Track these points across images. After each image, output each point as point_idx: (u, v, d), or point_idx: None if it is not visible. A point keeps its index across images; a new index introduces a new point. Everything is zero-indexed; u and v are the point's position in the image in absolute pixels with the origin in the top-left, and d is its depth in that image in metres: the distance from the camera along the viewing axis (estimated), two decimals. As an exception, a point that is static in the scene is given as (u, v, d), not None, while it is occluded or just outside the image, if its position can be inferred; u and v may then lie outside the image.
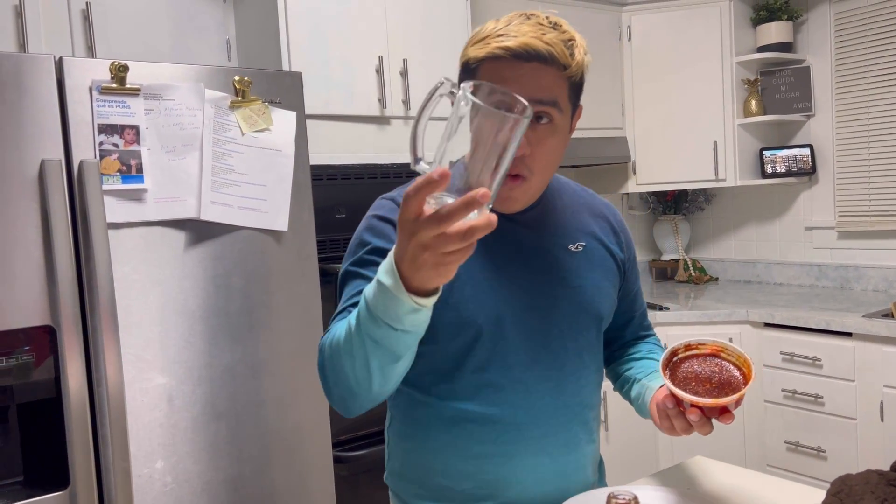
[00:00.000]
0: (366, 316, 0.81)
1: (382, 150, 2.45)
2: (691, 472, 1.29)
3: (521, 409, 1.07)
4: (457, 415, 1.07)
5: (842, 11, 3.17)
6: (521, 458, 1.07)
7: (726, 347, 1.03)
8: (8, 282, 1.52)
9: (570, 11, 3.07)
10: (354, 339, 0.85)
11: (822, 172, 3.30)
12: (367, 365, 0.85)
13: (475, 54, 0.98)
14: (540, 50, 0.96)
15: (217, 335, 1.79)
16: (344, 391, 0.91)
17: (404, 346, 0.83)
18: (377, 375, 0.86)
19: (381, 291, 0.77)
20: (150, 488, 1.70)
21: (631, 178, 3.37)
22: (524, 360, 1.07)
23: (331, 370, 0.91)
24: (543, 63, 0.97)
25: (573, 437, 1.11)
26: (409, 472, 1.14)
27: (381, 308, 0.78)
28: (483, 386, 1.06)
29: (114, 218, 1.64)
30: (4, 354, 1.52)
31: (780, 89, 3.33)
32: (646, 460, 3.01)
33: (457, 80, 1.04)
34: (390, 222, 1.05)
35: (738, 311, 2.92)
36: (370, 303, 0.80)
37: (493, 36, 0.98)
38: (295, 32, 2.25)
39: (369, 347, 0.83)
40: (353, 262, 1.04)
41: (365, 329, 0.82)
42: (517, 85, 0.96)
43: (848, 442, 2.63)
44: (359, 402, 0.92)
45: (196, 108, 1.74)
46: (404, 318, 0.78)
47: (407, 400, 1.12)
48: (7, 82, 1.52)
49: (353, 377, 0.88)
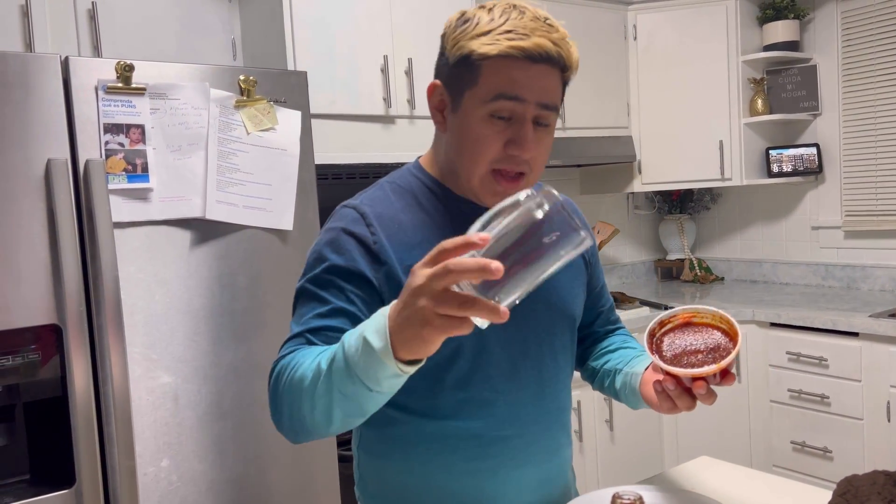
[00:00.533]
0: (342, 369, 0.78)
1: (387, 149, 2.45)
2: (696, 473, 1.28)
3: (505, 420, 1.04)
4: (438, 431, 1.03)
5: (849, 10, 3.16)
6: (505, 471, 1.04)
7: (697, 311, 1.00)
8: (14, 281, 1.52)
9: (576, 10, 3.07)
10: (320, 386, 0.82)
11: (829, 172, 3.29)
12: (328, 413, 0.83)
13: (485, 50, 0.93)
14: (551, 52, 0.94)
15: (222, 334, 1.79)
16: (297, 426, 0.89)
17: (374, 404, 0.81)
18: (337, 423, 0.84)
19: (366, 352, 0.74)
20: (155, 487, 1.70)
21: (636, 177, 3.36)
22: (505, 369, 1.04)
23: (286, 404, 0.89)
24: (550, 65, 0.95)
25: (555, 441, 1.10)
26: (385, 492, 1.08)
27: (362, 367, 0.75)
28: (465, 400, 1.02)
29: (119, 217, 1.64)
30: (11, 353, 1.53)
31: (787, 88, 3.32)
32: (651, 460, 3.00)
33: (442, 68, 0.99)
34: (353, 236, 0.99)
35: (744, 311, 2.91)
36: (350, 359, 0.77)
37: (498, 31, 0.94)
38: (300, 32, 2.25)
39: (336, 399, 0.80)
40: (310, 280, 0.99)
41: (337, 382, 0.79)
42: (526, 88, 0.94)
43: (854, 442, 2.62)
44: (310, 437, 0.90)
45: (201, 108, 1.74)
46: (384, 381, 0.76)
47: (382, 418, 1.05)
48: (13, 82, 1.52)
49: (311, 419, 0.85)
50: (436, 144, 1.08)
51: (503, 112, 0.95)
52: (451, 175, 1.05)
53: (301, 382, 0.85)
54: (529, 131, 0.95)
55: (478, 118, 0.96)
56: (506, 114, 0.95)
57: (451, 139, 1.01)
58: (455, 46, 0.97)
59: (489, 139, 0.96)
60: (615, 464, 2.89)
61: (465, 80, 0.96)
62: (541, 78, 0.95)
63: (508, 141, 0.96)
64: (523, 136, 0.95)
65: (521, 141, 0.95)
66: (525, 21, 0.94)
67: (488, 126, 0.96)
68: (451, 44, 0.98)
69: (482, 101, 0.95)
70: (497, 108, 0.94)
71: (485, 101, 0.95)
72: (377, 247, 0.98)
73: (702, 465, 1.32)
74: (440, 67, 1.01)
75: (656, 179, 3.34)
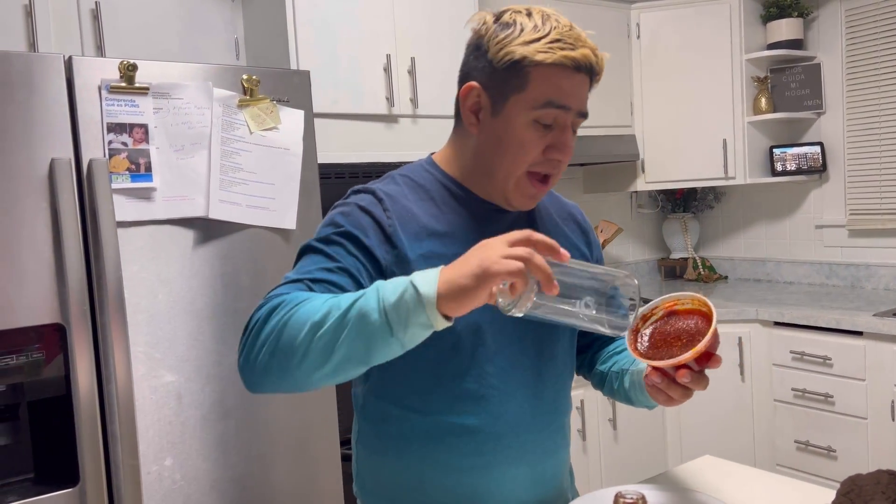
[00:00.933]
0: (370, 308, 0.79)
1: (390, 148, 2.45)
2: (700, 472, 1.28)
3: (501, 418, 1.04)
4: (434, 427, 1.03)
5: (853, 8, 3.15)
6: (500, 469, 1.04)
7: (678, 299, 0.99)
8: (18, 280, 1.53)
9: (579, 9, 3.06)
10: (332, 322, 0.81)
11: (833, 170, 3.28)
12: (328, 352, 0.81)
13: (540, 58, 0.95)
14: (593, 63, 0.99)
15: (225, 333, 1.80)
16: (274, 363, 0.85)
17: (382, 355, 0.82)
18: (328, 368, 0.83)
19: (407, 294, 0.78)
20: (159, 486, 1.70)
21: (639, 176, 3.36)
22: (502, 367, 1.04)
23: (273, 337, 0.85)
24: (589, 75, 1.00)
25: (551, 442, 1.10)
26: (381, 489, 1.09)
27: (396, 307, 0.78)
28: (461, 396, 1.02)
29: (123, 216, 1.65)
30: (15, 352, 1.53)
31: (791, 87, 3.31)
32: (654, 460, 3.00)
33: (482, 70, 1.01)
34: (369, 214, 1.00)
35: (747, 310, 2.90)
36: (385, 299, 0.79)
37: (548, 40, 0.96)
38: (303, 31, 2.25)
39: (346, 338, 0.80)
40: (319, 239, 0.99)
41: (357, 320, 0.79)
42: (572, 97, 0.98)
43: (858, 441, 2.62)
44: (278, 384, 0.87)
45: (204, 107, 1.74)
46: (411, 328, 0.78)
47: (379, 413, 1.07)
48: (17, 81, 1.52)
49: (302, 356, 0.83)
50: (457, 144, 1.08)
51: (547, 119, 0.98)
52: (477, 176, 1.06)
53: (307, 315, 0.83)
54: (570, 138, 1.01)
55: (522, 123, 0.99)
56: (549, 120, 0.99)
57: (488, 141, 1.02)
58: (502, 51, 0.98)
59: (532, 144, 0.99)
60: (618, 463, 2.89)
61: (512, 84, 0.98)
62: (581, 87, 0.99)
63: (549, 146, 1.00)
64: (564, 142, 1.00)
65: (562, 147, 1.00)
66: (566, 30, 0.98)
67: (532, 131, 0.99)
68: (497, 48, 0.99)
69: (530, 106, 0.98)
70: (543, 114, 0.98)
71: (532, 108, 0.97)
72: (391, 230, 1.00)
73: (705, 465, 1.31)
74: (478, 69, 1.02)
75: (660, 178, 3.33)
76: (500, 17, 1.01)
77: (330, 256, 0.97)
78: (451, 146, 1.10)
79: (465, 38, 2.98)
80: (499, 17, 1.01)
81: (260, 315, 0.89)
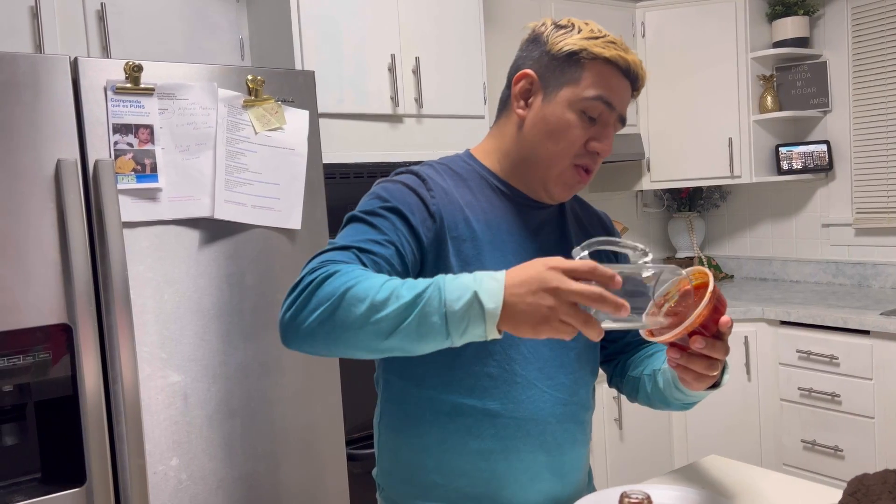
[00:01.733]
0: (431, 309, 0.81)
1: (395, 148, 2.45)
2: (706, 471, 1.28)
3: (521, 403, 1.05)
4: (453, 409, 1.05)
5: (859, 6, 3.14)
6: (518, 455, 1.06)
7: (686, 278, 0.95)
8: (25, 280, 1.53)
9: (584, 7, 3.06)
10: (394, 309, 0.82)
11: (840, 169, 3.27)
12: (383, 337, 0.83)
13: (598, 51, 1.02)
14: (639, 74, 1.06)
15: (231, 333, 1.80)
16: (324, 330, 0.86)
17: (429, 349, 0.85)
18: (376, 350, 0.85)
19: (471, 306, 0.80)
20: (165, 485, 1.71)
21: (645, 175, 3.35)
22: (525, 354, 1.06)
23: (328, 304, 0.85)
24: (632, 84, 1.06)
25: (570, 435, 1.10)
26: (399, 469, 1.11)
27: (458, 316, 0.80)
28: (482, 379, 1.04)
29: (129, 217, 1.65)
30: (22, 352, 1.54)
31: (797, 85, 3.30)
32: (660, 459, 2.99)
33: (538, 59, 1.06)
34: (414, 192, 1.03)
35: (753, 309, 2.89)
36: (449, 304, 0.81)
37: (605, 39, 1.04)
38: (308, 31, 2.26)
39: (405, 327, 0.82)
40: (365, 211, 1.01)
41: (416, 316, 0.82)
42: (618, 97, 1.05)
43: (865, 441, 2.61)
44: (313, 345, 0.88)
45: (209, 108, 1.75)
46: (467, 335, 0.82)
47: (400, 393, 1.09)
48: (23, 83, 1.53)
49: (355, 332, 0.84)
50: (499, 135, 1.13)
51: (594, 112, 1.04)
52: (519, 164, 1.10)
53: (366, 294, 0.84)
54: (611, 134, 1.07)
55: (572, 111, 1.04)
56: (595, 114, 1.04)
57: (537, 126, 1.06)
58: (561, 42, 1.04)
59: (577, 132, 1.04)
60: (624, 462, 2.89)
61: (567, 74, 1.04)
62: (626, 92, 1.06)
63: (591, 139, 1.05)
64: (606, 136, 1.06)
65: (604, 140, 1.05)
66: (617, 40, 1.05)
67: (578, 121, 1.04)
68: (556, 40, 1.05)
69: (580, 97, 1.03)
70: (591, 106, 1.03)
71: (583, 99, 1.03)
72: (434, 209, 1.03)
73: (711, 464, 1.31)
74: (533, 58, 1.08)
75: (665, 177, 3.33)
76: (558, 21, 1.09)
77: (377, 228, 0.99)
78: (490, 138, 1.14)
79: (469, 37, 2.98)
80: (557, 21, 1.09)
81: (315, 278, 0.89)
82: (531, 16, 2.91)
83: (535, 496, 1.08)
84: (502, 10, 2.87)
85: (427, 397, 1.06)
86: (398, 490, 1.11)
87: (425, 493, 1.08)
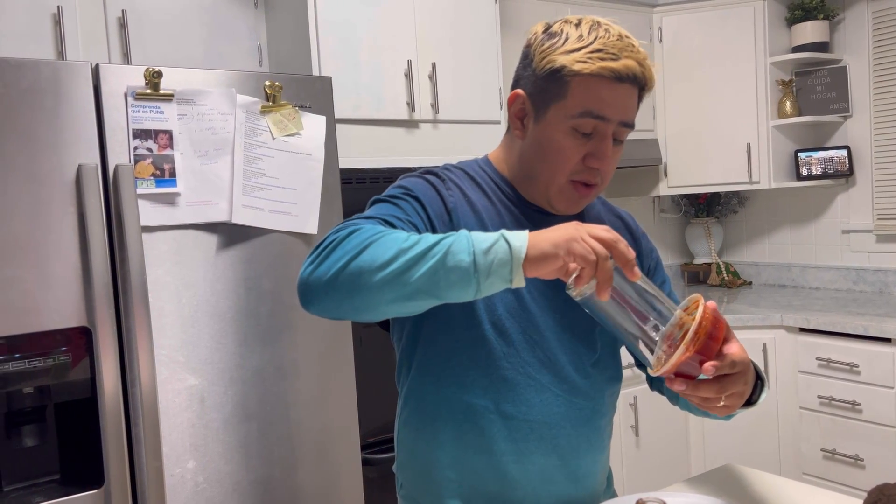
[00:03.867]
0: (458, 247, 0.83)
1: (411, 153, 2.45)
2: (723, 480, 1.27)
3: (534, 406, 1.05)
4: (468, 409, 1.05)
5: (880, 10, 3.11)
6: (531, 458, 1.06)
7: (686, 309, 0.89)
8: (45, 283, 1.55)
9: (601, 12, 3.05)
10: (421, 248, 0.84)
11: (860, 174, 3.23)
12: (410, 275, 0.83)
13: (578, 68, 0.97)
14: (637, 73, 0.99)
15: (248, 337, 1.81)
16: (347, 276, 0.86)
17: (454, 295, 0.85)
18: (401, 293, 0.84)
19: (498, 246, 0.83)
20: (181, 488, 1.72)
21: (662, 180, 3.33)
22: (540, 358, 1.06)
23: (353, 252, 0.86)
24: (634, 85, 1.00)
25: (585, 439, 1.10)
26: (416, 464, 1.12)
27: (485, 254, 0.82)
28: (497, 381, 1.05)
29: (147, 221, 1.67)
30: (42, 355, 1.55)
31: (816, 90, 3.27)
32: (677, 466, 2.97)
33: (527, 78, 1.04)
34: (434, 188, 1.05)
35: (772, 316, 2.87)
36: (477, 245, 0.83)
37: (589, 49, 0.98)
38: (325, 37, 2.27)
39: (432, 267, 0.83)
40: (388, 194, 1.04)
41: (446, 254, 0.83)
42: (612, 107, 0.99)
43: (886, 450, 2.57)
44: (338, 301, 0.88)
45: (228, 113, 1.76)
46: (493, 275, 0.82)
47: (418, 390, 1.10)
48: (46, 89, 1.55)
49: (381, 271, 0.84)
50: (508, 148, 1.12)
51: (586, 128, 1.00)
52: (523, 179, 1.09)
53: (393, 240, 0.86)
54: (609, 147, 1.02)
55: (561, 131, 1.01)
56: (588, 129, 1.00)
57: (531, 147, 1.05)
58: (545, 59, 1.01)
59: (570, 151, 1.01)
60: (640, 470, 2.86)
61: (553, 93, 1.01)
62: (625, 97, 1.00)
63: (588, 154, 1.02)
64: (603, 151, 1.01)
65: (600, 155, 1.01)
66: (613, 40, 0.99)
67: (571, 139, 1.01)
68: (540, 56, 1.02)
69: (568, 115, 1.00)
70: (582, 123, 1.00)
71: (571, 116, 1.00)
72: (451, 205, 1.04)
73: (728, 472, 1.30)
74: (524, 77, 1.05)
75: (683, 182, 3.31)
76: (549, 27, 1.04)
77: (401, 208, 1.01)
78: (502, 147, 1.14)
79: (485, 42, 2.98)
80: (548, 28, 1.04)
81: (337, 236, 0.90)
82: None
83: (547, 499, 1.08)
84: (518, 16, 2.87)
85: (444, 396, 1.07)
86: (415, 485, 1.13)
87: (440, 489, 1.09)
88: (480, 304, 1.04)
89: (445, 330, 1.04)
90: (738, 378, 0.88)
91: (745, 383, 0.90)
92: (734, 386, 0.88)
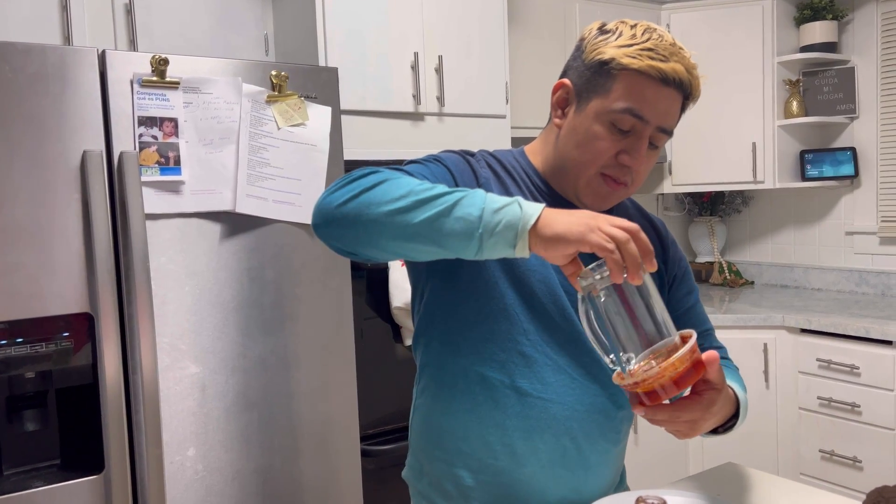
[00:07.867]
0: (470, 200, 0.83)
1: (417, 146, 2.45)
2: (722, 479, 1.27)
3: (550, 386, 1.06)
4: (484, 381, 1.06)
5: (889, 11, 3.09)
6: (541, 436, 1.06)
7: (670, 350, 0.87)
8: (49, 269, 1.55)
9: (608, 8, 3.04)
10: (435, 191, 0.85)
11: (865, 176, 3.22)
12: (417, 212, 0.85)
13: (626, 62, 0.98)
14: (684, 79, 0.99)
15: (250, 326, 1.81)
16: (356, 204, 0.89)
17: (453, 248, 0.85)
18: (405, 230, 0.86)
19: (510, 210, 0.82)
20: (181, 475, 1.73)
21: (666, 178, 3.33)
22: (559, 339, 1.06)
23: (368, 185, 0.89)
24: (678, 91, 1.00)
25: (597, 428, 1.10)
26: (429, 431, 1.13)
27: (495, 213, 0.82)
28: (514, 356, 1.05)
29: (152, 209, 1.67)
30: (44, 340, 1.56)
31: (823, 90, 3.26)
32: (676, 465, 2.97)
33: (575, 68, 1.05)
34: (469, 164, 1.06)
35: (773, 316, 2.86)
36: (488, 204, 0.83)
37: (641, 47, 0.98)
38: (332, 28, 2.27)
39: (440, 211, 0.84)
40: (418, 162, 1.05)
41: (456, 202, 0.84)
42: (653, 109, 0.99)
43: (885, 452, 2.57)
44: (345, 227, 0.90)
45: (233, 102, 1.76)
46: (496, 236, 0.82)
47: (437, 358, 1.11)
48: (52, 74, 1.55)
49: (389, 203, 0.86)
50: (545, 140, 1.13)
51: (625, 125, 1.00)
52: (556, 170, 1.10)
53: (409, 182, 0.88)
54: (644, 148, 1.01)
55: (600, 123, 1.01)
56: (626, 127, 1.00)
57: (568, 136, 1.06)
58: (595, 51, 1.02)
59: (605, 143, 1.01)
60: (640, 468, 2.87)
61: (598, 84, 1.01)
62: (667, 101, 1.00)
63: (621, 151, 1.01)
64: (638, 149, 1.01)
65: (634, 154, 1.01)
66: (665, 44, 0.99)
67: (607, 132, 1.01)
68: (591, 48, 1.03)
69: (609, 109, 1.00)
70: (621, 119, 1.00)
71: (612, 111, 1.00)
72: (482, 181, 1.06)
73: (727, 472, 1.30)
74: (572, 68, 1.06)
75: (687, 181, 3.30)
76: (605, 24, 1.05)
77: (430, 170, 1.03)
78: (539, 141, 1.15)
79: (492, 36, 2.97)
80: (604, 25, 1.05)
81: (360, 172, 0.93)
82: (555, 16, 2.90)
83: (554, 481, 1.08)
84: (526, 10, 2.86)
85: (461, 367, 1.07)
86: (426, 452, 1.14)
87: (450, 458, 1.10)
88: (507, 279, 1.04)
89: (467, 300, 1.05)
90: (692, 405, 0.88)
91: (703, 410, 0.89)
92: (689, 413, 0.88)
